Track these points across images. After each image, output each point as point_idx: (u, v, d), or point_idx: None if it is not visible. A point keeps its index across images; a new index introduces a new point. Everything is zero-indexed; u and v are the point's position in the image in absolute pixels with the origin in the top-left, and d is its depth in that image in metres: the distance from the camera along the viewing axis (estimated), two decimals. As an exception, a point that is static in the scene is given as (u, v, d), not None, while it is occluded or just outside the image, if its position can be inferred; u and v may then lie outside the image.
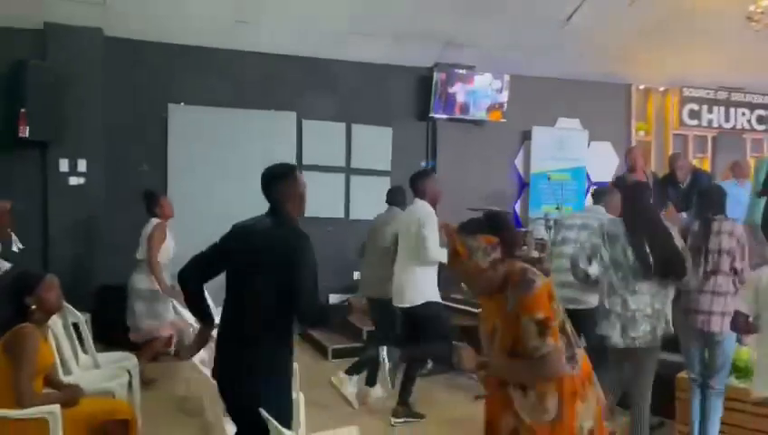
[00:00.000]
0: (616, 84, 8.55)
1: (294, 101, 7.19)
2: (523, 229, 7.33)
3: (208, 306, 2.81)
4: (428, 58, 7.51)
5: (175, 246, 5.22)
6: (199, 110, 6.83)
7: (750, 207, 5.74)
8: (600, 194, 4.52)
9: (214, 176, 6.82)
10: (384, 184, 6.82)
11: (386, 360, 4.27)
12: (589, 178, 8.34)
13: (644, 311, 3.42)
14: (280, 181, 2.70)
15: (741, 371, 3.84)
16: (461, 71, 7.64)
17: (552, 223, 6.23)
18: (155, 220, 5.20)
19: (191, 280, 2.74)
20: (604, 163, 8.39)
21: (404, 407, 4.47)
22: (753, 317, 3.14)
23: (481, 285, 2.18)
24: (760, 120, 9.13)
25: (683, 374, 4.09)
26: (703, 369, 3.74)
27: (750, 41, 6.66)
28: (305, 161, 7.16)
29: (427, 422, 4.47)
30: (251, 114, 7.01)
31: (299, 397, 3.09)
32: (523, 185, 8.27)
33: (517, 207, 8.25)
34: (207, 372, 3.11)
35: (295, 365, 2.89)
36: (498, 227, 2.17)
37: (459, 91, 7.66)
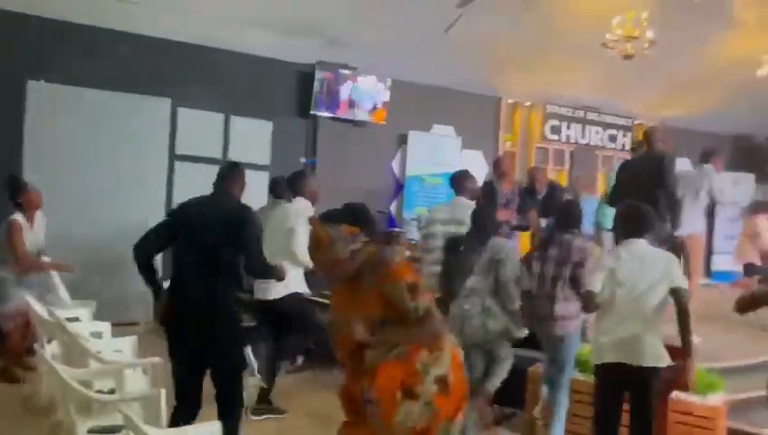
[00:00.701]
0: (488, 96, 9.05)
1: (170, 87, 6.91)
2: (397, 229, 7.56)
3: (160, 277, 3.28)
4: (312, 54, 7.53)
5: (43, 231, 4.98)
6: (63, 89, 6.37)
7: (598, 213, 6.50)
8: (458, 180, 4.70)
9: (76, 159, 6.39)
10: (262, 178, 6.74)
11: (251, 357, 4.23)
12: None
13: (475, 309, 3.71)
14: (232, 173, 3.47)
15: (584, 365, 4.21)
16: (344, 70, 7.74)
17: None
18: (12, 218, 4.79)
19: (144, 253, 3.18)
20: (475, 170, 8.83)
21: (264, 403, 4.44)
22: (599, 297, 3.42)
23: (338, 272, 2.25)
24: (611, 138, 10.06)
25: (535, 368, 4.45)
26: (551, 366, 4.04)
27: (606, 66, 7.35)
28: (178, 150, 6.91)
29: (289, 417, 4.45)
30: (120, 97, 6.64)
31: (161, 393, 2.99)
32: (399, 187, 8.53)
33: (392, 208, 8.49)
34: (58, 366, 2.96)
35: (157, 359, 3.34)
36: (359, 218, 2.27)
37: (343, 90, 7.75)
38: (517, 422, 4.47)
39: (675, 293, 3.21)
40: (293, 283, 4.37)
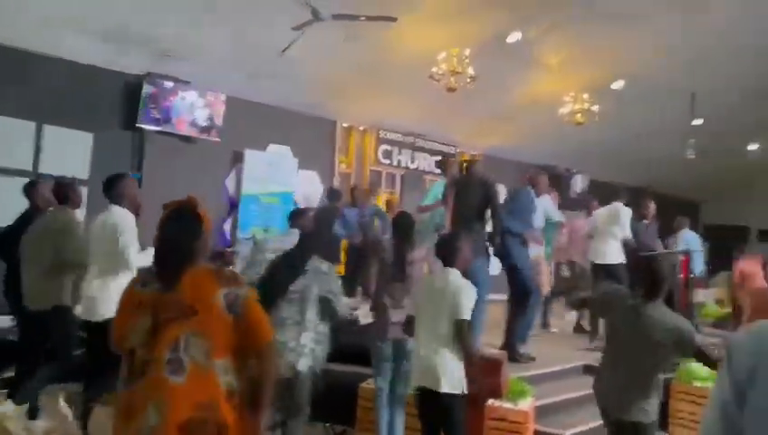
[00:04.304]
0: (324, 119, 9.23)
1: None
2: (230, 249, 7.37)
3: None
4: (142, 65, 7.16)
5: None
6: None
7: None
8: (296, 216, 4.64)
9: None
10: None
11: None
12: (296, 204, 8.78)
13: (288, 343, 3.50)
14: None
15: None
16: (174, 84, 7.45)
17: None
18: None
19: None
20: (311, 190, 8.94)
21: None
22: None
23: None
24: (437, 164, 10.73)
25: (366, 384, 4.57)
26: (392, 379, 4.12)
27: (433, 97, 7.86)
28: (-21, 160, 6.17)
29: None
30: None
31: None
32: (234, 205, 8.34)
33: (227, 227, 8.27)
34: None
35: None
36: None
37: (174, 104, 7.44)
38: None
39: (455, 324, 3.34)
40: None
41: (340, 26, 6.46)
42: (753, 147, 13.22)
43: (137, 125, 7.25)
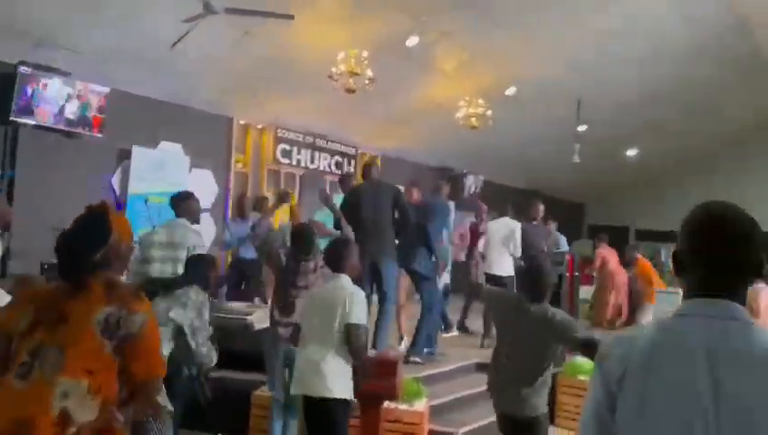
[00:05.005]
0: (219, 116, 8.92)
1: None
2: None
3: None
4: (14, 54, 6.58)
5: None
6: None
7: None
8: (179, 202, 4.42)
9: None
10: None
11: None
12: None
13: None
14: None
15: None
16: (52, 75, 6.90)
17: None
18: None
19: None
20: (204, 190, 8.60)
21: None
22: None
23: None
24: (337, 165, 10.68)
25: (260, 391, 4.45)
26: (286, 386, 4.01)
27: (332, 97, 7.80)
28: None
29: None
30: None
31: None
32: (120, 205, 7.86)
33: (111, 229, 7.79)
34: None
35: None
36: None
37: (52, 96, 6.89)
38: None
39: (345, 330, 3.34)
40: None
41: (239, 22, 6.26)
42: (632, 152, 14.21)
43: (10, 119, 6.66)
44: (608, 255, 8.75)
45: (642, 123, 12.58)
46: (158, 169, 7.99)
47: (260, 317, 5.16)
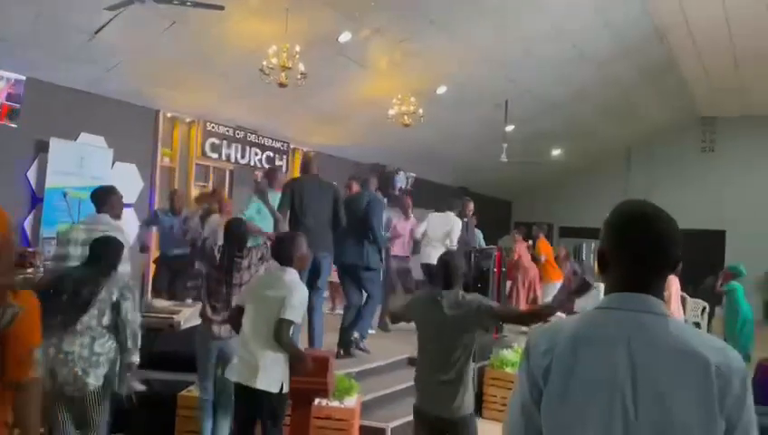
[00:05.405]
0: (145, 108, 8.60)
1: None
2: (31, 249, 6.59)
3: None
4: None
5: None
6: None
7: None
8: (101, 196, 4.23)
9: None
10: None
11: None
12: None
13: (79, 353, 3.18)
14: None
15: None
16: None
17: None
18: None
19: None
20: (128, 185, 8.28)
21: None
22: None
23: None
24: (269, 160, 10.52)
25: (186, 392, 4.34)
26: (216, 385, 3.96)
27: (264, 91, 7.68)
28: None
29: None
30: None
31: None
32: (36, 200, 7.46)
33: (27, 225, 7.38)
34: None
35: None
36: None
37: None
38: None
39: (278, 323, 3.29)
40: None
41: (166, 11, 6.06)
42: (556, 151, 14.74)
43: None
44: (522, 250, 9.09)
45: (566, 124, 13.09)
46: (79, 162, 7.62)
47: (187, 316, 5.04)
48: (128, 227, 5.86)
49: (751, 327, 7.19)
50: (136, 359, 3.35)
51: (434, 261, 6.73)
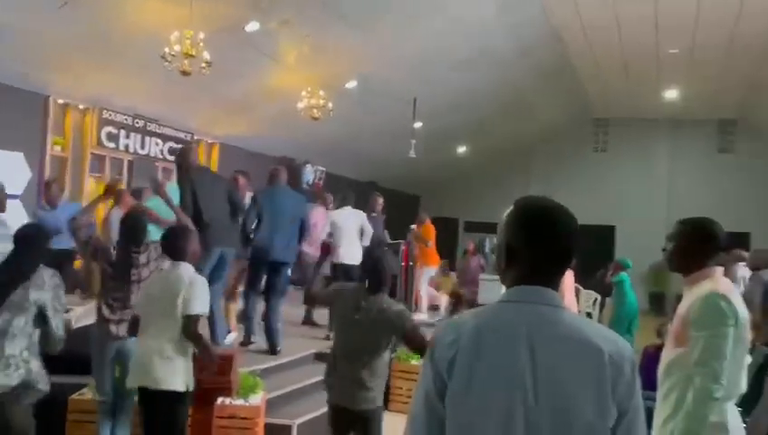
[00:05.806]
0: (33, 93, 8.00)
1: None
2: None
3: None
4: None
5: None
6: None
7: None
8: None
9: None
10: None
11: None
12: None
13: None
14: None
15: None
16: None
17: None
18: None
19: None
20: (14, 175, 7.69)
21: None
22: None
23: None
24: (171, 151, 10.10)
25: (78, 395, 4.09)
26: (115, 390, 3.78)
27: (164, 78, 7.35)
28: None
29: None
30: None
31: None
32: None
33: None
34: None
35: None
36: None
37: None
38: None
39: (183, 320, 3.23)
40: None
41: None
42: (462, 149, 15.15)
43: None
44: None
45: (470, 122, 13.47)
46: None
47: (80, 314, 4.75)
48: (13, 220, 5.43)
49: (636, 314, 7.71)
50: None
51: (349, 261, 6.76)
